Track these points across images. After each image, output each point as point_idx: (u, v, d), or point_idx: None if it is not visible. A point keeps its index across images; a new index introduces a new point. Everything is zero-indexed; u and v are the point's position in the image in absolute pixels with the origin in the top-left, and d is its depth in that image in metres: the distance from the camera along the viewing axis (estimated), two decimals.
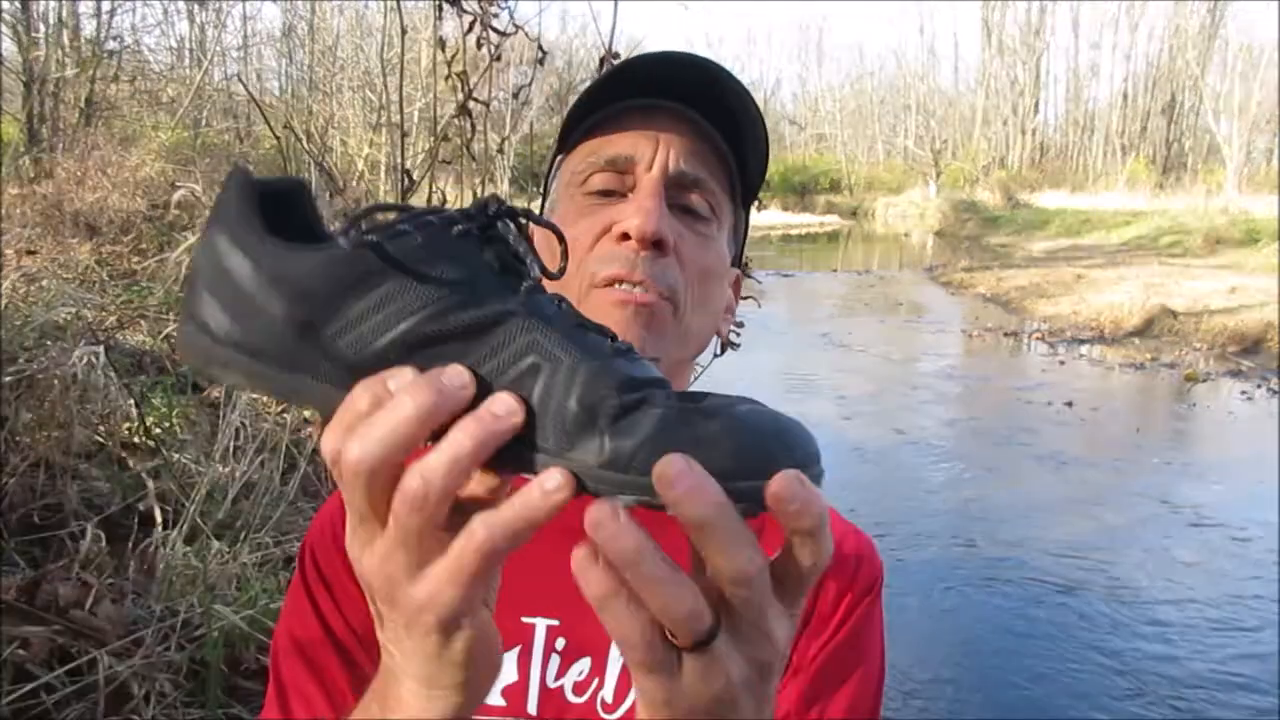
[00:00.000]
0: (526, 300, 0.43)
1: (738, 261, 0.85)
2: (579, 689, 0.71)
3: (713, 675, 0.41)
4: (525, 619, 0.72)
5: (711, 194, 0.76)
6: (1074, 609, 4.23)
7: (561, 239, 0.48)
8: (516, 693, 0.71)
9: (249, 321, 0.43)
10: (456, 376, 0.41)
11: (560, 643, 0.72)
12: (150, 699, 2.14)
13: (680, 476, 0.37)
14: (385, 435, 0.40)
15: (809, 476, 0.40)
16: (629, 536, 0.38)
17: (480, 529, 0.40)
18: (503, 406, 0.41)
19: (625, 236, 0.71)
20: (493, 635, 0.46)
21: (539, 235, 0.81)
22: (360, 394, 0.41)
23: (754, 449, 0.40)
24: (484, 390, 0.42)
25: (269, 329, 0.42)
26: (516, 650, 0.71)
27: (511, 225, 0.45)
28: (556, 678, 0.71)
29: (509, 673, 0.71)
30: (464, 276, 0.43)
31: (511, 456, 0.41)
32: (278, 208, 0.44)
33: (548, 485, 0.40)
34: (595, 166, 0.75)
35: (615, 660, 0.71)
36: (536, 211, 0.85)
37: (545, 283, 0.45)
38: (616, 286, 0.71)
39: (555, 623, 0.72)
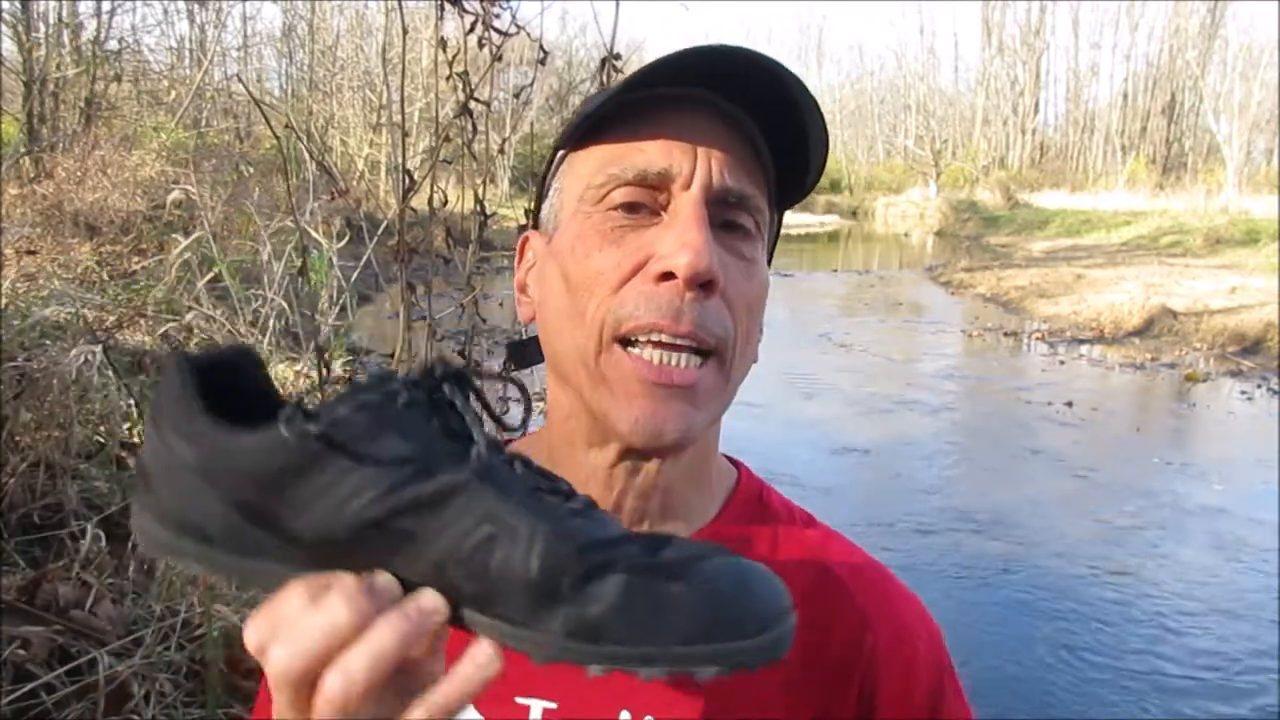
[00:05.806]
0: (480, 467, 0.42)
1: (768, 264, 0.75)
2: None
3: None
4: (520, 699, 0.64)
5: (758, 210, 0.64)
6: (1073, 608, 4.23)
7: (524, 392, 0.48)
8: None
9: (196, 508, 0.42)
10: (430, 602, 0.41)
11: None
12: (150, 699, 2.14)
13: None
14: (312, 648, 0.39)
15: (778, 633, 0.41)
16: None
17: (418, 712, 0.41)
18: (430, 602, 0.41)
19: (666, 276, 0.59)
20: None
21: (528, 269, 0.71)
22: (293, 596, 0.41)
23: (720, 612, 0.41)
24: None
25: (216, 515, 0.42)
26: None
27: (458, 389, 0.44)
28: None
29: None
30: (412, 451, 0.42)
31: (478, 626, 0.42)
32: (226, 379, 0.44)
33: (479, 659, 0.40)
34: (619, 180, 0.62)
35: None
36: (531, 215, 0.78)
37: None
38: (652, 339, 0.60)
39: (552, 706, 0.64)
